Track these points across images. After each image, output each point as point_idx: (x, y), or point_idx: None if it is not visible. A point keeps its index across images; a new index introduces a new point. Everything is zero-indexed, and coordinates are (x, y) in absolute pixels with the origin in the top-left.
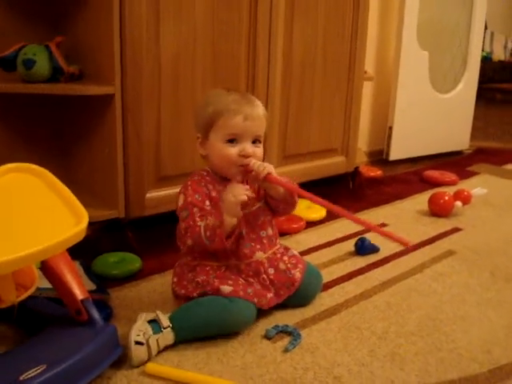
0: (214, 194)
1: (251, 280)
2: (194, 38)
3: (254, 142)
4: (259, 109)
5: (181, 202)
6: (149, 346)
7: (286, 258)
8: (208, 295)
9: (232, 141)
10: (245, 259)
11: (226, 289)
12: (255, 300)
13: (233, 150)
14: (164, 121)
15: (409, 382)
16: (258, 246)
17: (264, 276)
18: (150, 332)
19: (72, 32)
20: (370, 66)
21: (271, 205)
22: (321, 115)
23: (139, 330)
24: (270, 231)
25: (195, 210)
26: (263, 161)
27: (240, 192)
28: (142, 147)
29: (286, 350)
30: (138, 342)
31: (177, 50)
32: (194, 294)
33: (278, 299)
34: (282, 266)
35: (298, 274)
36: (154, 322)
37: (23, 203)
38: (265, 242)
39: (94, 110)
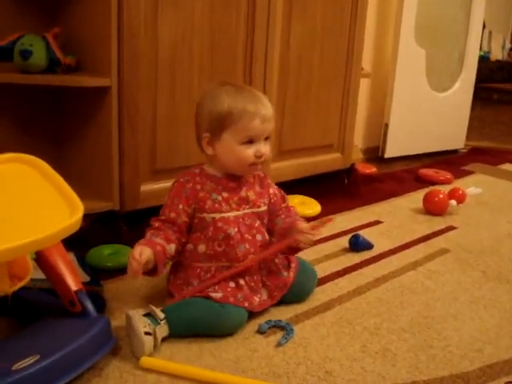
0: (201, 194)
1: (241, 282)
2: (192, 30)
3: (264, 139)
4: (271, 108)
5: (164, 201)
6: (155, 337)
7: (277, 260)
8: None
9: (249, 142)
10: (237, 261)
11: (217, 295)
12: (246, 304)
13: (250, 152)
14: (160, 114)
15: (400, 378)
16: (252, 250)
17: (255, 277)
18: (152, 324)
19: (69, 23)
20: (367, 62)
21: (270, 228)
22: (317, 111)
23: (143, 322)
24: (266, 236)
25: (166, 210)
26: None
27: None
28: (138, 140)
29: (278, 345)
30: (147, 333)
31: (174, 42)
32: (187, 296)
33: (272, 301)
34: (273, 267)
35: (290, 274)
36: (148, 316)
37: (18, 193)
38: (259, 246)
39: (91, 101)
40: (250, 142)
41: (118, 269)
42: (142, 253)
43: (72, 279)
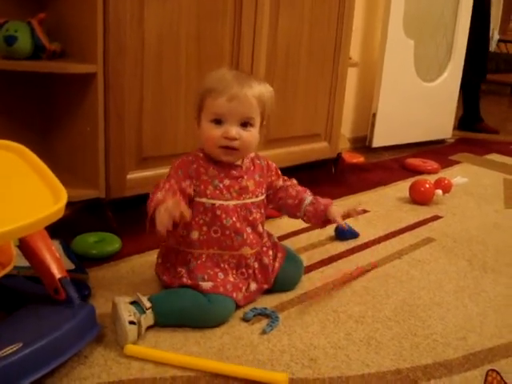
0: (204, 177)
1: (230, 272)
2: (178, 18)
3: (244, 124)
4: (251, 90)
5: (166, 175)
6: (140, 326)
7: (270, 252)
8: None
9: (218, 122)
10: (230, 250)
11: (206, 285)
12: (234, 295)
13: (217, 131)
14: (146, 101)
15: (384, 365)
16: (248, 241)
17: (243, 270)
18: (137, 313)
19: (55, 9)
20: (355, 52)
21: (282, 206)
22: (305, 100)
23: (128, 310)
24: (260, 228)
25: (171, 181)
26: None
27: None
28: (124, 127)
29: (263, 332)
30: (131, 322)
31: (160, 29)
32: (175, 285)
33: (258, 293)
34: (265, 260)
35: (276, 265)
36: (134, 304)
37: (1, 180)
38: (254, 237)
39: (76, 88)
40: (219, 122)
41: (103, 257)
42: (178, 202)
43: (56, 267)
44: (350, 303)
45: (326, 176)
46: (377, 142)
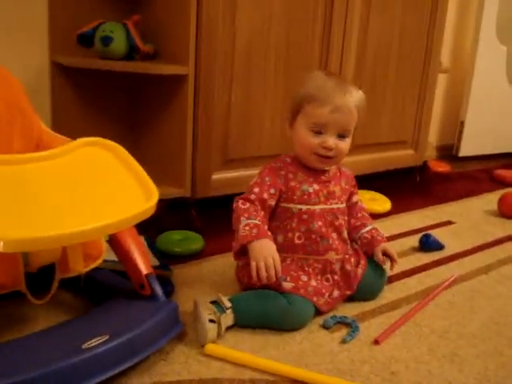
0: (292, 183)
1: (314, 277)
2: (269, 22)
3: (341, 135)
4: (352, 100)
5: (252, 182)
6: (219, 325)
7: (352, 259)
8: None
9: (317, 131)
10: (316, 255)
11: (287, 285)
12: (314, 299)
13: (314, 140)
14: (234, 104)
15: None
16: (334, 246)
17: (328, 276)
18: (218, 312)
19: (150, 11)
20: (445, 58)
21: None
22: (393, 106)
23: (209, 309)
24: (345, 234)
25: (256, 189)
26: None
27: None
28: (211, 129)
29: (343, 341)
30: (211, 321)
31: (251, 35)
32: (256, 286)
33: (340, 300)
34: (348, 267)
35: (359, 271)
36: (215, 303)
37: (96, 177)
38: (339, 243)
39: (167, 89)
40: (319, 132)
41: (186, 255)
42: (274, 257)
43: (143, 263)
44: (433, 317)
45: (410, 184)
46: (464, 151)
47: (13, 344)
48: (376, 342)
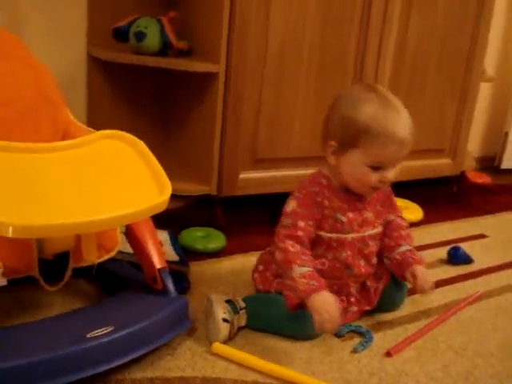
0: (326, 211)
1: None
2: (304, 22)
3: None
4: (411, 127)
5: (289, 207)
6: (232, 325)
7: (374, 274)
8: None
9: (376, 166)
10: (335, 280)
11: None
12: None
13: (374, 177)
14: (264, 105)
15: None
16: (357, 273)
17: (344, 298)
18: (232, 312)
19: (186, 9)
20: (491, 67)
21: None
22: (430, 113)
23: (223, 307)
24: (374, 260)
25: (301, 223)
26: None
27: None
28: (240, 128)
29: (354, 351)
30: (224, 320)
31: (284, 36)
32: (272, 290)
33: (357, 316)
34: (368, 282)
35: (380, 287)
36: (229, 302)
37: (111, 169)
38: (365, 270)
39: (198, 86)
40: (379, 167)
41: (207, 252)
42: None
43: (157, 257)
44: (452, 333)
45: (446, 194)
46: (507, 163)
47: (18, 328)
48: (388, 353)
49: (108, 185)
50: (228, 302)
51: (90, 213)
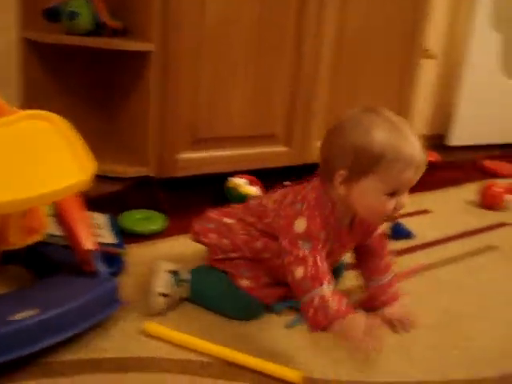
0: (323, 236)
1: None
2: (241, 5)
3: None
4: (422, 148)
5: (302, 227)
6: (171, 298)
7: None
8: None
9: (392, 193)
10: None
11: (244, 282)
12: (266, 301)
13: (391, 205)
14: (203, 82)
15: (410, 375)
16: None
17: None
18: (173, 283)
19: None
20: (437, 44)
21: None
22: (372, 92)
23: (163, 279)
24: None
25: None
26: None
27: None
28: (178, 107)
29: (287, 326)
30: (160, 294)
31: (221, 12)
32: (217, 266)
33: None
34: None
35: None
36: (173, 273)
37: (35, 149)
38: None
39: (134, 66)
40: (394, 193)
41: (146, 234)
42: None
43: (87, 239)
44: None
45: None
46: (454, 141)
47: None
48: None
49: (29, 165)
50: (173, 272)
51: (8, 193)
